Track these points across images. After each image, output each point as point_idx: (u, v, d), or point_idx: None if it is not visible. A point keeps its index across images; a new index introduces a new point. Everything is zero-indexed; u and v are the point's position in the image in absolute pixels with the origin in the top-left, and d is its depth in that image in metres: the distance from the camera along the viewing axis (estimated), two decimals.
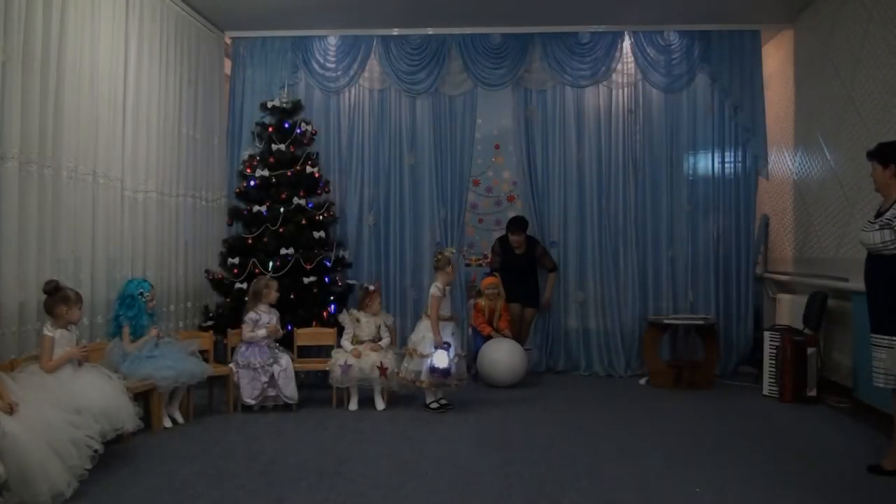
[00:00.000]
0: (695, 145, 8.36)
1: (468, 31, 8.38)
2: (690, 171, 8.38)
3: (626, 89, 8.42)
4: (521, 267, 8.10)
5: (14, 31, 4.95)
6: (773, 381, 6.95)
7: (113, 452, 4.88)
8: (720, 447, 5.25)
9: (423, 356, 6.37)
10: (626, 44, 8.36)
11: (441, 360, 6.28)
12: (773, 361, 6.94)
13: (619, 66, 8.38)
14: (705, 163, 8.37)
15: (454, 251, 7.11)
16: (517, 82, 8.43)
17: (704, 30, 8.20)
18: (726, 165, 8.31)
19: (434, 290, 6.45)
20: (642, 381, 7.76)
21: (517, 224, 8.02)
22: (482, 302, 7.88)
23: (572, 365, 8.33)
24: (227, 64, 8.76)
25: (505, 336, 7.66)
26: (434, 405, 6.48)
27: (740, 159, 8.28)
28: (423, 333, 6.45)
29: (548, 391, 7.26)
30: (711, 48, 8.21)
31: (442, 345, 6.29)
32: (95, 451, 4.44)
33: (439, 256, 6.63)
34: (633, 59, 8.36)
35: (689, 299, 8.25)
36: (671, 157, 8.33)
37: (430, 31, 8.42)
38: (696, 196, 8.33)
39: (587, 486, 4.42)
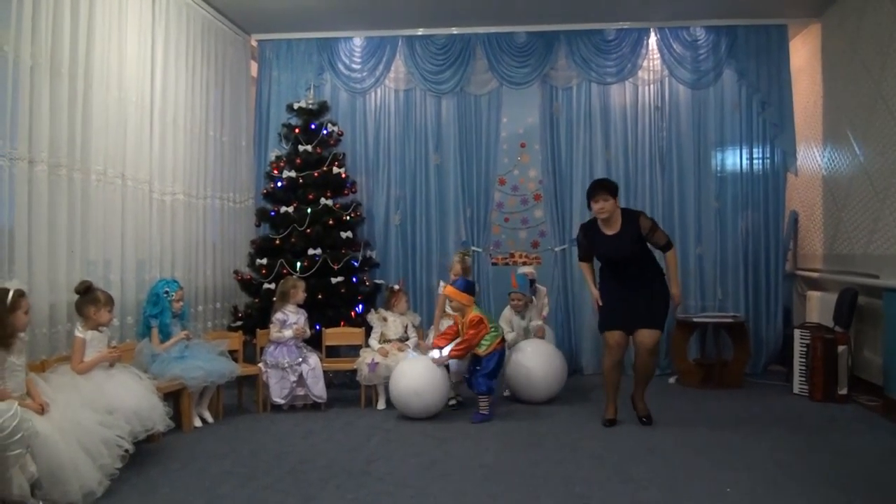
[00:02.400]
0: (722, 142, 8.29)
1: (493, 30, 8.36)
2: (718, 168, 8.31)
3: (652, 86, 8.37)
4: (621, 257, 5.89)
5: (42, 36, 5.02)
6: (803, 379, 6.88)
7: (144, 452, 4.93)
8: (750, 447, 5.20)
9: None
10: (652, 40, 8.31)
11: (434, 356, 6.31)
12: (804, 360, 6.87)
13: (646, 63, 8.33)
14: (733, 159, 8.30)
15: (467, 252, 7.10)
16: (543, 80, 8.41)
17: (731, 25, 8.13)
18: (754, 161, 8.23)
19: (440, 288, 6.73)
20: (671, 380, 7.72)
21: (600, 187, 5.88)
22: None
23: (600, 365, 8.24)
24: (254, 66, 8.82)
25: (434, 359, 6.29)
26: (451, 402, 6.54)
27: (768, 155, 8.21)
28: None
29: (575, 391, 7.21)
30: (738, 43, 8.14)
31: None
32: (126, 450, 4.49)
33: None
34: (659, 55, 8.31)
35: (718, 297, 8.19)
36: (699, 153, 8.26)
37: (454, 30, 8.42)
38: (725, 193, 8.26)
39: (616, 487, 4.39)
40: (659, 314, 5.85)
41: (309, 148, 7.64)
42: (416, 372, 6.14)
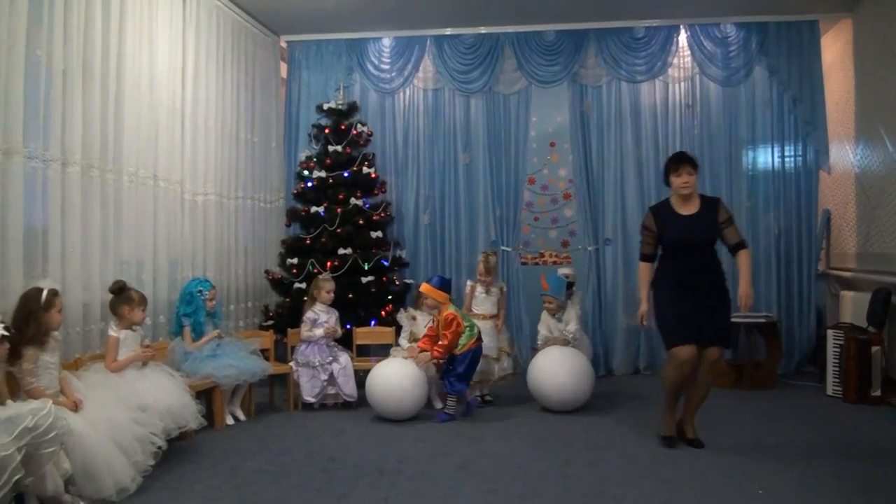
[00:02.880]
0: (754, 140, 8.19)
1: (521, 29, 8.34)
2: (750, 166, 8.21)
3: (682, 84, 8.30)
4: (698, 241, 5.18)
5: (74, 40, 5.08)
6: (836, 380, 6.78)
7: (176, 449, 4.98)
8: (782, 448, 5.13)
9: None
10: (682, 37, 8.25)
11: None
12: (837, 360, 6.77)
13: (676, 61, 8.26)
14: (765, 157, 8.20)
15: (492, 251, 7.08)
16: (572, 79, 8.37)
17: (761, 21, 8.03)
18: (786, 160, 8.13)
19: (467, 287, 6.79)
20: None
21: (686, 159, 5.29)
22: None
23: (631, 365, 8.24)
24: (283, 67, 8.88)
25: (418, 363, 6.17)
26: (479, 400, 6.56)
27: (800, 153, 8.09)
28: None
29: (606, 391, 7.15)
30: (769, 40, 8.04)
31: None
32: (159, 447, 4.56)
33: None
34: (689, 52, 8.23)
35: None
36: (730, 152, 8.17)
37: (482, 30, 8.41)
38: (756, 191, 8.17)
39: (648, 487, 4.36)
40: (728, 327, 5.38)
41: (339, 148, 7.67)
42: (393, 373, 6.09)
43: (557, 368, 6.24)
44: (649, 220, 5.39)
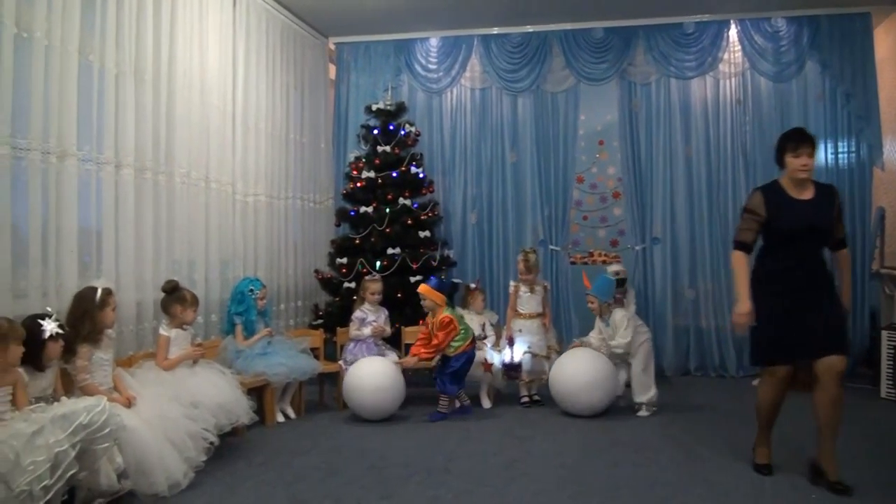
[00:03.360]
0: None
1: (569, 26, 8.29)
2: None
3: (733, 79, 8.15)
4: (817, 229, 4.51)
5: (126, 44, 5.17)
6: (890, 382, 6.61)
7: (228, 445, 5.05)
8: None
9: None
10: (733, 32, 8.10)
11: (506, 355, 6.44)
12: (891, 362, 6.60)
13: (726, 56, 8.12)
14: (817, 154, 8.01)
15: (531, 249, 7.02)
16: (621, 76, 8.29)
17: (813, 15, 7.86)
18: (839, 156, 7.94)
19: (511, 287, 6.77)
20: (755, 383, 7.44)
21: (808, 138, 4.63)
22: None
23: (682, 366, 8.13)
24: (332, 69, 8.95)
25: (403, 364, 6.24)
26: (525, 400, 6.55)
27: (853, 149, 7.88)
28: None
29: (657, 392, 7.09)
30: (821, 34, 7.86)
31: (508, 340, 6.51)
32: (211, 443, 4.61)
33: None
34: (739, 47, 8.09)
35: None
36: None
37: (530, 28, 8.38)
38: None
39: (699, 491, 4.30)
40: (845, 331, 4.63)
41: (387, 148, 7.70)
42: (372, 371, 6.06)
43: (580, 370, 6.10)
44: (757, 202, 4.55)
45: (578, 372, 6.06)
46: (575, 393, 6.05)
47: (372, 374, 6.02)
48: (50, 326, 3.96)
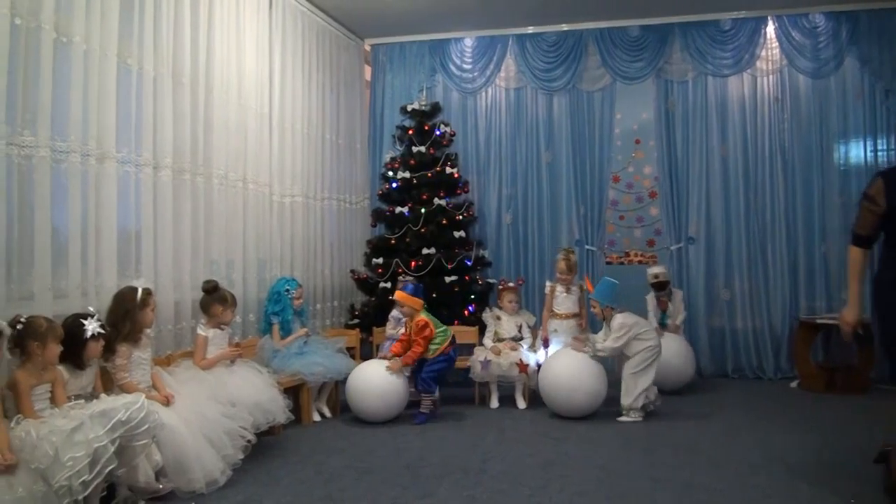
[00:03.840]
0: (845, 133, 7.88)
1: (605, 25, 8.25)
2: (841, 161, 7.90)
3: (770, 77, 8.05)
4: None
5: (164, 47, 5.24)
6: None
7: (264, 444, 5.08)
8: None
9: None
10: (770, 29, 8.00)
11: (541, 356, 6.46)
12: None
13: (763, 53, 8.03)
14: (857, 152, 7.87)
15: (571, 249, 6.99)
16: (657, 74, 8.23)
17: (851, 10, 7.74)
18: (879, 154, 7.78)
19: (547, 288, 6.79)
20: (793, 385, 7.40)
21: None
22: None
23: (719, 367, 8.04)
24: (367, 70, 8.99)
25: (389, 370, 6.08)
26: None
27: (893, 147, 7.74)
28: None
29: (693, 394, 7.01)
30: (860, 29, 7.74)
31: (544, 341, 6.56)
32: (248, 441, 4.66)
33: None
34: (777, 44, 7.99)
35: (843, 297, 7.76)
36: (821, 146, 7.89)
37: (565, 27, 8.35)
38: (849, 187, 7.81)
39: (736, 494, 4.24)
40: None
41: (422, 149, 7.71)
42: (373, 375, 6.03)
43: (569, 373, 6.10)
44: (878, 189, 3.90)
45: (562, 374, 6.09)
46: (560, 394, 6.08)
47: (375, 377, 6.01)
48: (92, 326, 4.02)
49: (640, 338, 6.08)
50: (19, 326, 3.65)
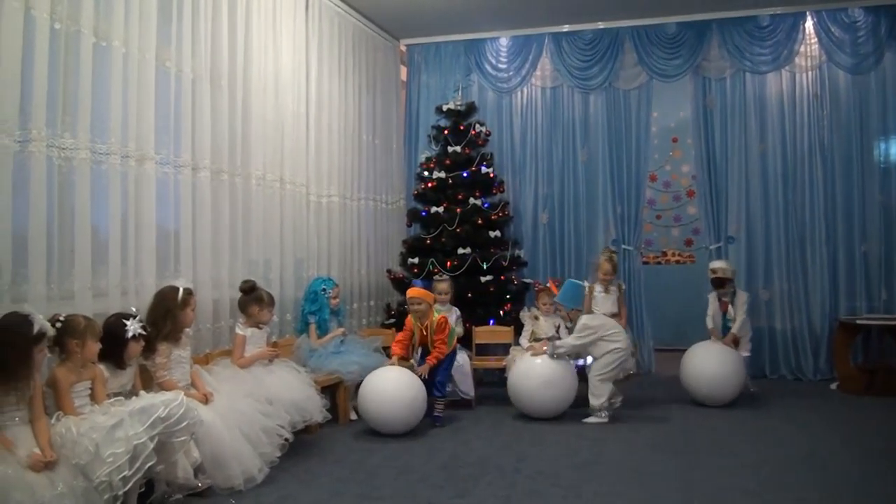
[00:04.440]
0: (886, 130, 7.73)
1: (641, 22, 8.18)
2: (882, 159, 7.75)
3: (810, 73, 7.93)
4: None
5: (202, 50, 5.31)
6: None
7: (302, 442, 5.11)
8: None
9: None
10: (809, 24, 7.88)
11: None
12: None
13: (802, 49, 7.90)
14: None
15: (615, 249, 6.93)
16: (695, 72, 8.14)
17: (891, 4, 7.58)
18: None
19: (585, 288, 6.54)
20: (832, 386, 7.28)
21: None
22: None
23: (758, 368, 7.89)
24: (403, 70, 9.03)
25: (413, 370, 5.89)
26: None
27: None
28: None
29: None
30: None
31: None
32: (286, 440, 4.70)
33: None
34: (816, 40, 7.87)
35: (883, 298, 7.63)
36: (861, 143, 7.74)
37: (601, 25, 8.30)
38: (889, 185, 7.69)
39: (774, 497, 4.19)
40: None
41: (458, 148, 7.72)
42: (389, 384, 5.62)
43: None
44: None
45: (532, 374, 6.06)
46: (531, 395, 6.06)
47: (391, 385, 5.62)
48: (133, 327, 4.08)
49: (606, 339, 6.03)
50: (59, 324, 3.71)
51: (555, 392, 6.00)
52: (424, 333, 6.06)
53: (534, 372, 6.03)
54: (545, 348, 6.14)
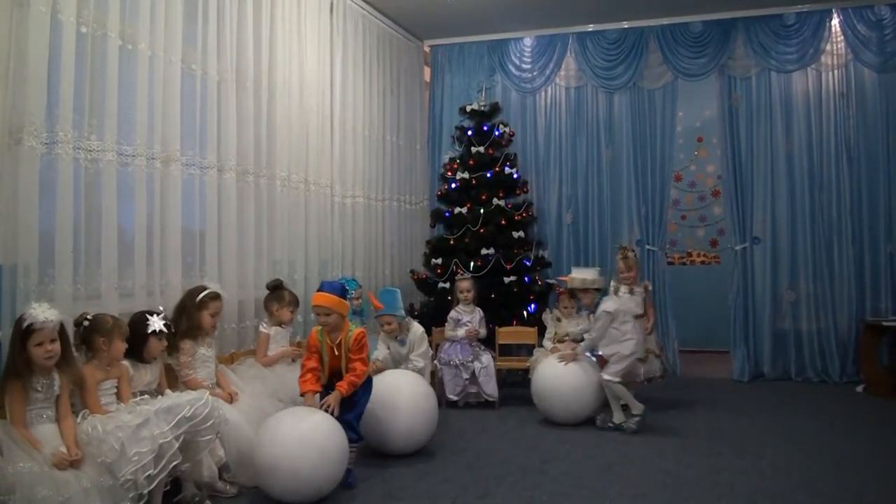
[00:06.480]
0: None
1: (666, 21, 8.14)
2: None
3: (836, 71, 7.83)
4: None
5: (227, 53, 5.35)
6: None
7: None
8: None
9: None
10: (835, 22, 7.78)
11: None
12: None
13: (828, 47, 7.81)
14: None
15: (629, 246, 6.85)
16: (720, 71, 8.07)
17: None
18: None
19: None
20: (859, 389, 7.20)
21: None
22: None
23: (783, 370, 7.85)
24: (427, 71, 9.04)
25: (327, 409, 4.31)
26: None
27: None
28: None
29: (757, 397, 6.88)
30: None
31: None
32: None
33: None
34: (842, 38, 7.77)
35: None
36: (888, 143, 7.62)
37: (625, 24, 8.27)
38: None
39: (802, 500, 4.15)
40: None
41: (481, 149, 7.72)
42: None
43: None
44: None
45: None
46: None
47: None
48: (156, 323, 4.11)
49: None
50: (86, 323, 3.76)
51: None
52: (336, 353, 4.54)
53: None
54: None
